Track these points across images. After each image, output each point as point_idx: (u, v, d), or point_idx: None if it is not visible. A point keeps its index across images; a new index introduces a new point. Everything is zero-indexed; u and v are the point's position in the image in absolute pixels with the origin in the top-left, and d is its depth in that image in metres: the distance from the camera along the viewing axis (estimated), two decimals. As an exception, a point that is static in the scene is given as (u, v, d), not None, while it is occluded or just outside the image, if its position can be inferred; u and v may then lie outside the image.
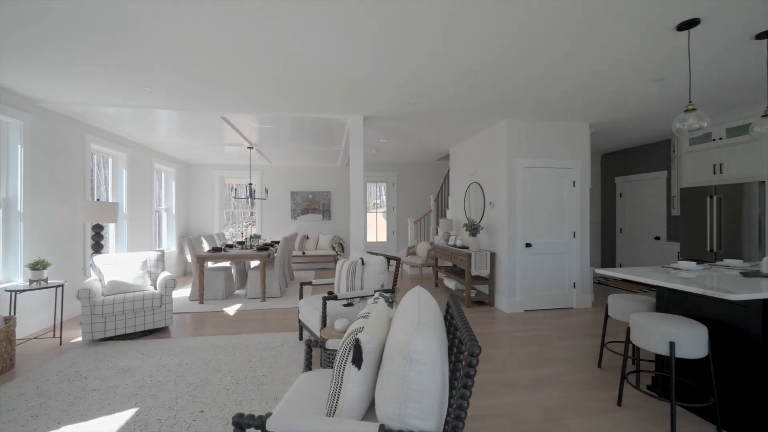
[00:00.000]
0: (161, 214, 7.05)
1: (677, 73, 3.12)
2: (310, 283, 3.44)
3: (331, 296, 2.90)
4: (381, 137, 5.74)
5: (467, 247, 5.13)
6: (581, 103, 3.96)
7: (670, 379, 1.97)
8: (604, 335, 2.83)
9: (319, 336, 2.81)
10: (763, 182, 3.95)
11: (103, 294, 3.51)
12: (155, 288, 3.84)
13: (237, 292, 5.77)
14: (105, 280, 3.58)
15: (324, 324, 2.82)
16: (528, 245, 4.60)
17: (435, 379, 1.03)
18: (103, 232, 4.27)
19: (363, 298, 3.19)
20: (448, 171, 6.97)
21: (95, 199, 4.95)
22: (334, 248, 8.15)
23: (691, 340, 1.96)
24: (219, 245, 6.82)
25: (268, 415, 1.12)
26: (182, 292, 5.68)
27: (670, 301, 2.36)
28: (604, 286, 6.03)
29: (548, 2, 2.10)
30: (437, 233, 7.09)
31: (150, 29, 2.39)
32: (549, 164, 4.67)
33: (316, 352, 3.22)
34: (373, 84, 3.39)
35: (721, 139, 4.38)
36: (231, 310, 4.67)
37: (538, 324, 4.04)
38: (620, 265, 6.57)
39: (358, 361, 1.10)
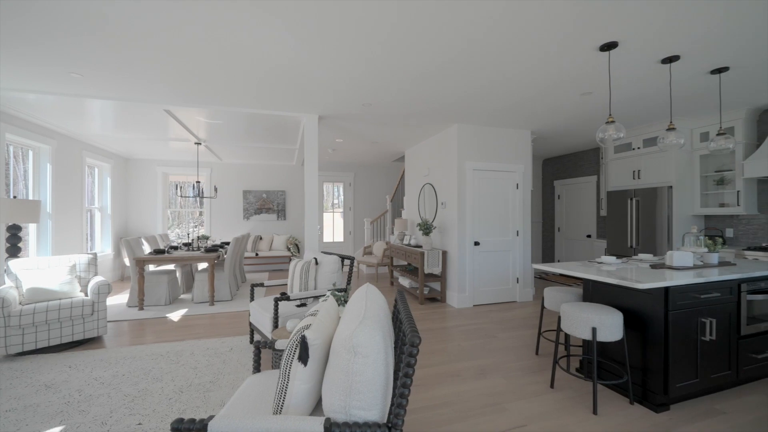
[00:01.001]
0: (94, 213, 6.42)
1: (602, 88, 3.50)
2: (262, 285, 3.36)
3: (284, 297, 2.86)
4: (337, 137, 5.73)
5: (421, 246, 5.30)
6: (524, 111, 4.28)
7: (593, 360, 2.22)
8: (540, 325, 3.09)
9: (270, 338, 2.76)
10: (671, 187, 4.56)
11: (20, 303, 3.14)
12: (86, 295, 3.51)
13: (183, 296, 5.44)
14: (23, 288, 3.20)
15: (276, 325, 2.77)
16: (476, 243, 4.86)
17: (378, 371, 1.08)
18: (21, 234, 3.80)
19: (316, 298, 3.18)
20: (404, 172, 7.14)
21: (11, 196, 4.39)
22: (289, 249, 7.96)
23: (609, 326, 2.22)
24: (162, 247, 6.37)
25: (210, 417, 1.10)
26: (119, 299, 5.23)
27: (594, 292, 2.64)
28: (544, 280, 6.54)
29: (486, 22, 2.27)
30: (393, 233, 7.22)
31: (81, 7, 2.19)
32: (495, 167, 4.98)
33: (267, 354, 3.15)
34: (328, 83, 3.40)
35: (638, 148, 4.96)
36: (175, 315, 4.39)
37: (484, 317, 4.29)
38: (558, 261, 7.17)
39: (304, 357, 1.13)
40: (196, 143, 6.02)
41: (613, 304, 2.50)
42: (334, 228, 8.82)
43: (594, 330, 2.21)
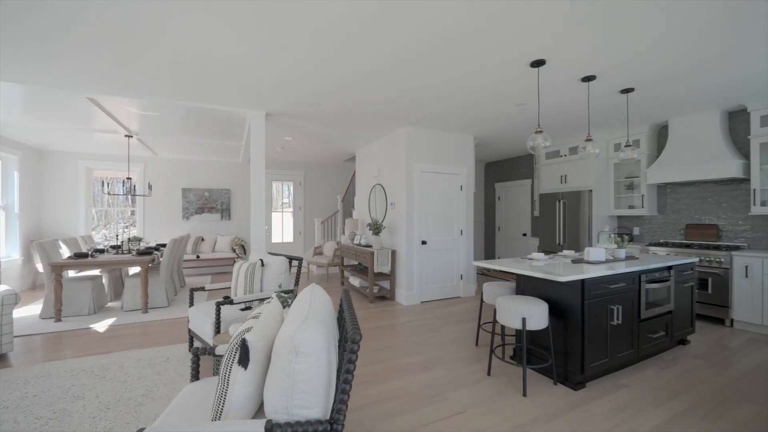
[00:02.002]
0: (-4, 212, 5.57)
1: (534, 100, 3.85)
2: (203, 289, 3.18)
3: (227, 301, 2.75)
4: (286, 135, 5.59)
5: (371, 246, 5.38)
6: (466, 117, 4.55)
7: (523, 347, 2.45)
8: (480, 318, 3.32)
9: (212, 344, 2.64)
10: (591, 190, 5.14)
11: None
12: (-14, 306, 3.05)
13: (110, 304, 4.94)
14: None
15: (218, 330, 2.66)
16: (424, 243, 5.06)
17: (321, 369, 1.11)
18: None
19: (262, 300, 3.10)
20: (355, 172, 7.17)
21: None
22: (234, 250, 7.59)
23: (536, 315, 2.47)
24: (85, 250, 5.72)
25: (141, 430, 1.05)
26: (31, 310, 4.61)
27: (525, 285, 2.91)
28: (485, 276, 6.99)
29: (429, 31, 2.40)
30: (344, 233, 7.22)
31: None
32: (441, 170, 5.22)
33: (207, 362, 3.00)
34: (275, 81, 3.32)
35: (565, 155, 5.52)
36: (101, 326, 3.98)
37: (430, 313, 4.48)
38: (498, 258, 7.70)
39: (244, 360, 1.12)
40: (126, 136, 5.50)
41: (542, 295, 2.78)
42: (283, 228, 8.58)
43: (524, 320, 2.44)
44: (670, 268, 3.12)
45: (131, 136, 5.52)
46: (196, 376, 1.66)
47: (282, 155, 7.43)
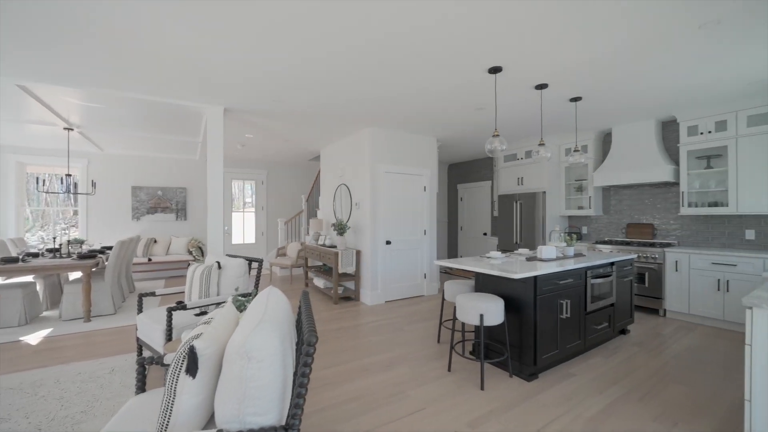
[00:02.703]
0: None
1: (493, 105, 4.01)
2: (153, 294, 2.98)
3: (180, 306, 2.60)
4: (247, 132, 5.40)
5: (335, 246, 5.33)
6: (429, 120, 4.64)
7: (481, 343, 2.55)
8: (441, 316, 3.41)
9: (163, 353, 2.48)
10: (545, 192, 5.45)
11: None
12: None
13: (46, 313, 4.50)
14: None
15: (169, 338, 2.51)
16: (388, 243, 5.10)
17: (275, 375, 1.08)
18: None
19: (219, 305, 2.96)
20: (319, 172, 7.07)
21: None
22: (191, 252, 7.20)
23: (493, 312, 2.57)
24: (15, 254, 5.16)
25: (75, 449, 0.96)
26: (-55, 323, 4.07)
27: (483, 283, 3.02)
28: (448, 274, 7.18)
29: (390, 36, 2.42)
30: (308, 233, 7.10)
31: None
32: (405, 171, 5.29)
33: (158, 373, 2.83)
34: (234, 77, 3.20)
35: (522, 159, 5.81)
36: (34, 338, 3.62)
37: (394, 312, 4.53)
38: (461, 256, 7.93)
39: (192, 369, 1.07)
40: (66, 128, 5.03)
41: (499, 292, 2.90)
42: (244, 229, 8.26)
43: (481, 316, 2.54)
44: (612, 264, 3.39)
45: (71, 129, 5.06)
46: (142, 387, 1.56)
47: (243, 153, 7.16)
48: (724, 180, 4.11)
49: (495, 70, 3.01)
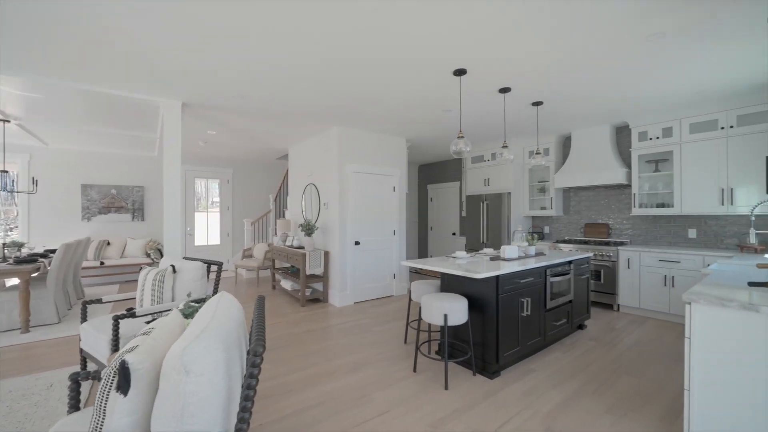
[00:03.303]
0: None
1: (459, 107, 4.07)
2: (99, 301, 2.76)
3: (128, 313, 2.42)
4: (209, 128, 5.16)
5: (303, 247, 5.21)
6: (398, 121, 4.65)
7: (445, 342, 2.57)
8: (408, 316, 3.41)
9: (107, 365, 2.30)
10: (510, 193, 5.62)
11: None
12: None
13: (-24, 324, 4.06)
14: None
15: (115, 349, 2.32)
16: (357, 243, 5.05)
17: (217, 388, 1.01)
18: None
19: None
20: (288, 171, 6.90)
21: None
22: (149, 254, 6.79)
23: (457, 311, 2.60)
24: (-61, 259, 4.63)
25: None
26: None
27: (448, 283, 3.05)
28: (418, 274, 7.24)
29: (355, 34, 2.39)
30: (276, 234, 6.91)
31: None
32: (374, 171, 5.26)
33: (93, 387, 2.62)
34: (190, 70, 3.03)
35: (488, 160, 5.96)
36: (-41, 352, 3.25)
37: (363, 313, 4.49)
38: (430, 256, 8.04)
39: (124, 386, 0.97)
40: (2, 120, 4.58)
41: (463, 292, 2.94)
42: (208, 230, 7.91)
43: (445, 316, 2.56)
44: (570, 262, 3.54)
45: (8, 121, 4.61)
46: (75, 406, 1.42)
47: (206, 150, 6.85)
48: (670, 182, 4.41)
49: (460, 72, 3.04)
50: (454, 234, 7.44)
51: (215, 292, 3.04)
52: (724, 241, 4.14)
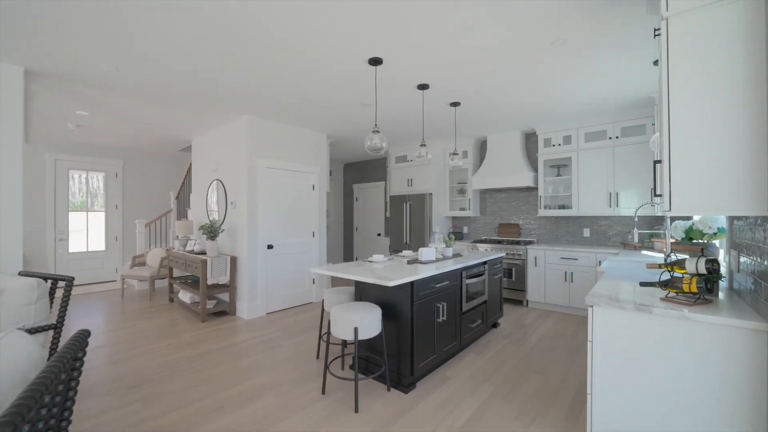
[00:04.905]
0: None
1: (377, 102, 3.86)
2: None
3: None
4: (79, 108, 4.16)
5: (206, 253, 4.52)
6: (316, 113, 4.27)
7: (355, 359, 2.29)
8: (321, 328, 3.07)
9: None
10: (431, 194, 5.64)
11: None
12: None
13: None
14: None
15: None
16: (270, 247, 4.54)
17: None
18: None
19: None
20: (191, 164, 6.02)
21: None
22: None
23: (369, 323, 2.35)
24: None
25: None
26: None
27: (363, 290, 2.80)
28: (342, 278, 6.92)
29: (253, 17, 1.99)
30: (177, 237, 5.97)
31: None
32: (291, 167, 4.80)
33: None
34: (27, 20, 2.28)
35: (411, 160, 5.92)
36: None
37: (275, 326, 4.02)
38: (356, 258, 7.79)
39: None
40: None
41: (378, 299, 2.71)
42: (88, 233, 6.52)
43: (356, 330, 2.29)
44: (485, 263, 3.56)
45: None
46: None
47: (83, 136, 5.61)
48: (569, 186, 4.80)
49: (375, 61, 2.81)
50: (379, 235, 7.29)
51: (62, 317, 2.33)
52: (611, 239, 4.64)
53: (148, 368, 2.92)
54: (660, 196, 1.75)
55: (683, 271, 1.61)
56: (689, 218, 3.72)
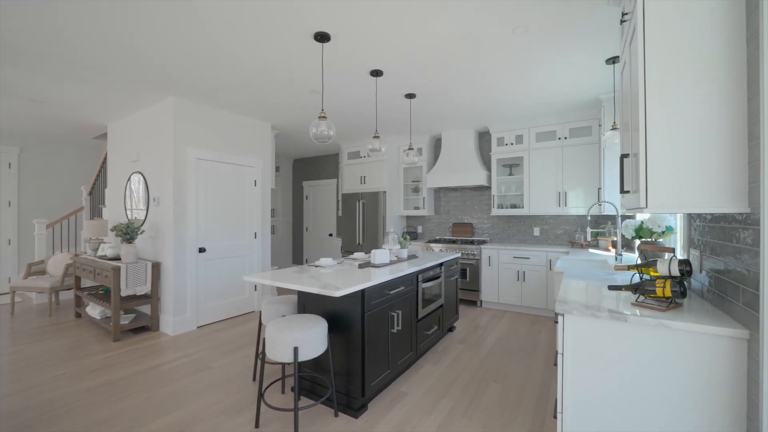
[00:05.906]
0: None
1: (326, 89, 3.50)
2: None
3: None
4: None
5: (120, 258, 3.81)
6: (258, 99, 3.79)
7: (295, 384, 1.93)
8: (258, 346, 2.65)
9: None
10: (385, 192, 5.38)
11: None
12: None
13: None
14: None
15: None
16: (202, 250, 3.96)
17: None
18: None
19: None
20: (107, 154, 5.14)
21: None
22: None
23: (312, 341, 1.99)
24: None
25: None
26: None
27: (306, 301, 2.44)
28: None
29: None
30: (90, 240, 5.06)
31: None
32: (229, 159, 4.25)
33: None
34: None
35: (365, 157, 5.61)
36: None
37: (206, 342, 3.48)
38: (306, 260, 7.31)
39: None
40: None
41: (324, 311, 2.36)
42: (-31, 235, 5.31)
43: (295, 350, 1.93)
44: (441, 264, 3.37)
45: None
46: None
47: (-47, 116, 4.51)
48: (521, 185, 4.82)
49: (323, 37, 2.46)
50: (331, 235, 6.89)
51: None
52: (559, 238, 4.73)
53: (36, 405, 2.28)
54: (628, 192, 1.63)
55: (656, 274, 1.49)
56: (632, 217, 3.85)
